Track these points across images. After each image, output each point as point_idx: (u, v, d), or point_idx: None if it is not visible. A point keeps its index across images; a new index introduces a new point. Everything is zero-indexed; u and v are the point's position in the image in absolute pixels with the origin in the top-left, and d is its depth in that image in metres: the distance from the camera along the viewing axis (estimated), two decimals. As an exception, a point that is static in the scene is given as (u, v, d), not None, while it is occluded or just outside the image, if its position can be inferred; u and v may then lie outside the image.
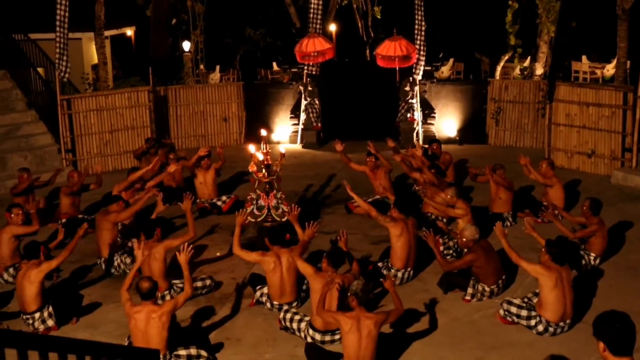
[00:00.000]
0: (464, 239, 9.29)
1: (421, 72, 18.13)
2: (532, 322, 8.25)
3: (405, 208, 9.92)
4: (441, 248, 10.52)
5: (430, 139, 16.08)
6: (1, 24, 18.47)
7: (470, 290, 9.21)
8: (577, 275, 9.68)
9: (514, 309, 8.39)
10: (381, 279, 8.20)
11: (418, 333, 8.41)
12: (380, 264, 9.93)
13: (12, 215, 10.36)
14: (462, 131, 18.67)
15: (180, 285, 9.40)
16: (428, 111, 18.57)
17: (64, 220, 11.99)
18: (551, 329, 8.18)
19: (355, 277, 8.40)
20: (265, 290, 9.13)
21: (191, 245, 8.43)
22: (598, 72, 18.61)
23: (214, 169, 13.30)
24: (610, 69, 18.10)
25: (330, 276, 8.06)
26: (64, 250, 9.15)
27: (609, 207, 12.25)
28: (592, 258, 10.09)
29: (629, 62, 17.30)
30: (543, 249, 8.37)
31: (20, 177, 12.59)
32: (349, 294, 7.61)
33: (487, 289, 9.17)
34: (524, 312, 8.34)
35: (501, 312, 8.50)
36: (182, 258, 8.10)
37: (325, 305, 7.82)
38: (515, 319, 8.38)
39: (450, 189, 11.04)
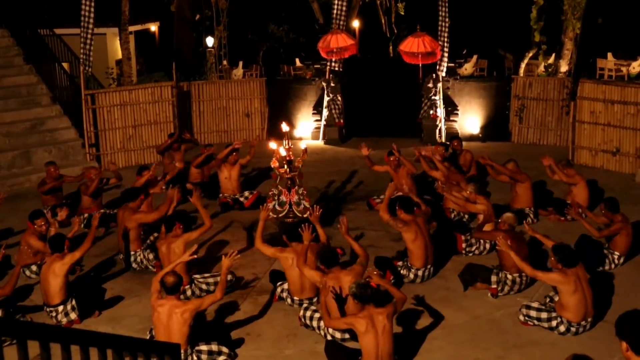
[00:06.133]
0: (501, 219, 9.37)
1: (444, 69, 18.06)
2: (554, 323, 8.19)
3: (408, 207, 9.78)
4: (463, 245, 10.50)
5: (452, 136, 16.01)
6: (27, 19, 18.63)
7: (494, 278, 9.19)
8: (600, 274, 9.61)
9: (533, 313, 8.33)
10: (367, 278, 7.87)
11: (439, 330, 8.38)
12: (400, 263, 9.89)
13: (35, 227, 9.94)
14: (485, 128, 18.57)
15: (201, 280, 9.44)
16: (451, 108, 18.49)
17: (86, 215, 12.06)
18: (573, 329, 8.11)
19: (362, 266, 8.29)
20: (285, 286, 9.14)
21: (236, 251, 8.27)
22: (623, 69, 18.39)
23: (240, 165, 13.33)
24: (636, 67, 17.87)
25: (322, 282, 8.01)
26: (84, 242, 9.09)
27: (633, 206, 12.12)
28: (616, 257, 9.99)
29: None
30: (552, 258, 8.28)
31: (47, 171, 12.54)
32: (350, 297, 7.57)
33: (509, 276, 9.13)
34: (543, 315, 8.27)
35: (521, 317, 8.43)
36: (227, 262, 7.94)
37: (330, 314, 7.77)
38: (536, 322, 8.32)
39: (471, 184, 10.98)
